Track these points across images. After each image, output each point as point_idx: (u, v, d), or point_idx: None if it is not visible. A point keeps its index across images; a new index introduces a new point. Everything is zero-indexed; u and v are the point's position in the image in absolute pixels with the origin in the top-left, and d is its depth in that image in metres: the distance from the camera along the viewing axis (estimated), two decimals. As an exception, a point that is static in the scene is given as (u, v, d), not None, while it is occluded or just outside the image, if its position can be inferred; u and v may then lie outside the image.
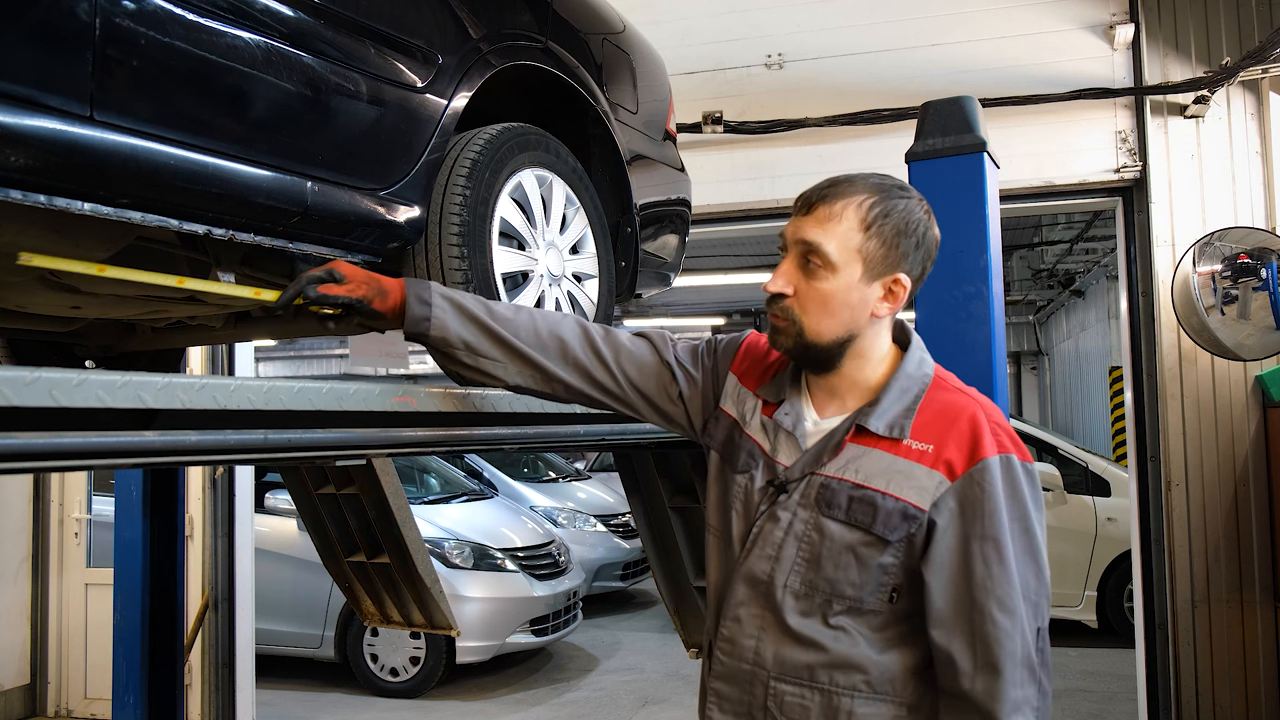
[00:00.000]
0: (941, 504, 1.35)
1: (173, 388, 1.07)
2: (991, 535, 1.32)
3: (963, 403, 1.41)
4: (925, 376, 1.44)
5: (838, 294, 1.39)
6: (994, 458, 1.34)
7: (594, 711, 5.75)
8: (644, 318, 16.20)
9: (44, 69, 1.18)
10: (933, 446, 1.37)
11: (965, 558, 1.34)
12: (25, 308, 2.14)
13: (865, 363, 1.45)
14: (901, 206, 1.40)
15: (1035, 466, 1.39)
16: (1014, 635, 1.30)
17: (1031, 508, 1.35)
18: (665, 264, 2.78)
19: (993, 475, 1.33)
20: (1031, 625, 1.32)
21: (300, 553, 5.91)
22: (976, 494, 1.33)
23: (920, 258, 1.42)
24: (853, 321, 1.41)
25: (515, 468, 9.33)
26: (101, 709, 5.39)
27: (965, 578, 1.33)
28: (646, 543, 3.14)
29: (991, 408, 1.41)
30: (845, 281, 1.39)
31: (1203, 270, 4.23)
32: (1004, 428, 1.38)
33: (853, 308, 1.40)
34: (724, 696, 1.46)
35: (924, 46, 4.76)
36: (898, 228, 1.38)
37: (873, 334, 1.44)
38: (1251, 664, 4.26)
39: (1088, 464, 7.17)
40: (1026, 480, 1.36)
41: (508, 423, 1.76)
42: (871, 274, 1.39)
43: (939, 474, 1.35)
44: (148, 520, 3.20)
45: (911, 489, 1.36)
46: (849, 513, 1.38)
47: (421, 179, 1.80)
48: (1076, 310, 13.24)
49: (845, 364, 1.45)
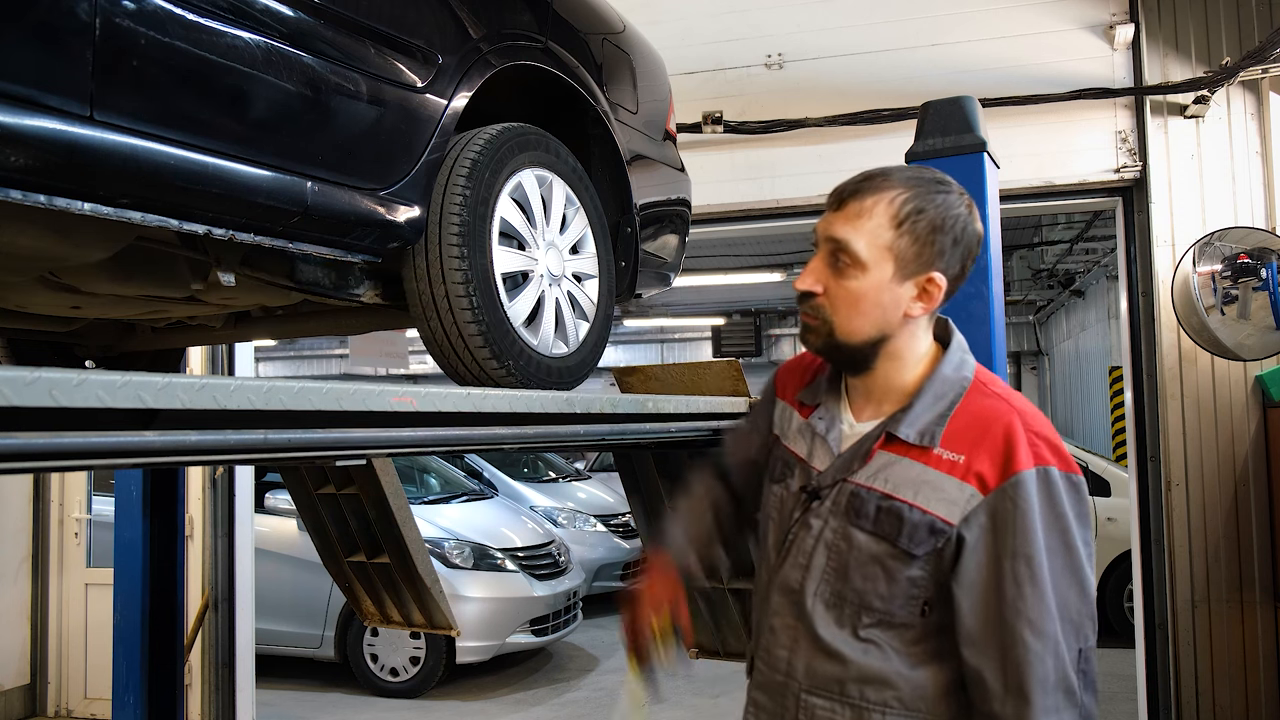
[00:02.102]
0: (972, 519, 1.29)
1: (173, 388, 1.07)
2: (1024, 553, 1.25)
3: (999, 410, 1.33)
4: (964, 380, 1.38)
5: (868, 294, 1.34)
6: (1029, 471, 1.27)
7: (594, 711, 5.75)
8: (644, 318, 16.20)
9: (44, 69, 1.18)
10: (964, 457, 1.31)
11: (996, 576, 1.27)
12: (25, 308, 2.14)
13: (901, 364, 1.39)
14: (939, 201, 1.33)
15: (1080, 478, 1.31)
16: (1045, 658, 1.24)
17: (1074, 522, 1.28)
18: (665, 264, 2.78)
19: (1027, 490, 1.26)
20: (1071, 646, 1.26)
21: (300, 553, 5.91)
22: (1009, 509, 1.27)
23: (959, 255, 1.35)
24: (884, 322, 1.36)
25: (515, 468, 9.32)
26: (101, 709, 5.39)
27: (996, 597, 1.27)
28: (646, 543, 3.14)
29: (1033, 415, 1.34)
30: (876, 281, 1.33)
31: (1203, 270, 4.23)
32: (1044, 437, 1.31)
33: (884, 308, 1.34)
34: (760, 706, 1.45)
35: (924, 46, 4.76)
36: (933, 224, 1.32)
37: (908, 334, 1.38)
38: (1251, 664, 4.26)
39: (1088, 464, 7.17)
40: (1069, 493, 1.28)
41: (508, 423, 1.76)
42: (904, 273, 1.33)
43: (970, 487, 1.29)
44: (148, 520, 3.20)
45: (940, 502, 1.30)
46: (876, 523, 1.34)
47: (421, 179, 1.80)
48: (1076, 310, 13.24)
49: (880, 365, 1.39)
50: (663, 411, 2.11)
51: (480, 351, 1.88)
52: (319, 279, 1.92)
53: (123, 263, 1.86)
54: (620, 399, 1.98)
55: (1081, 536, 1.28)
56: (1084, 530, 1.29)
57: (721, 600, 3.11)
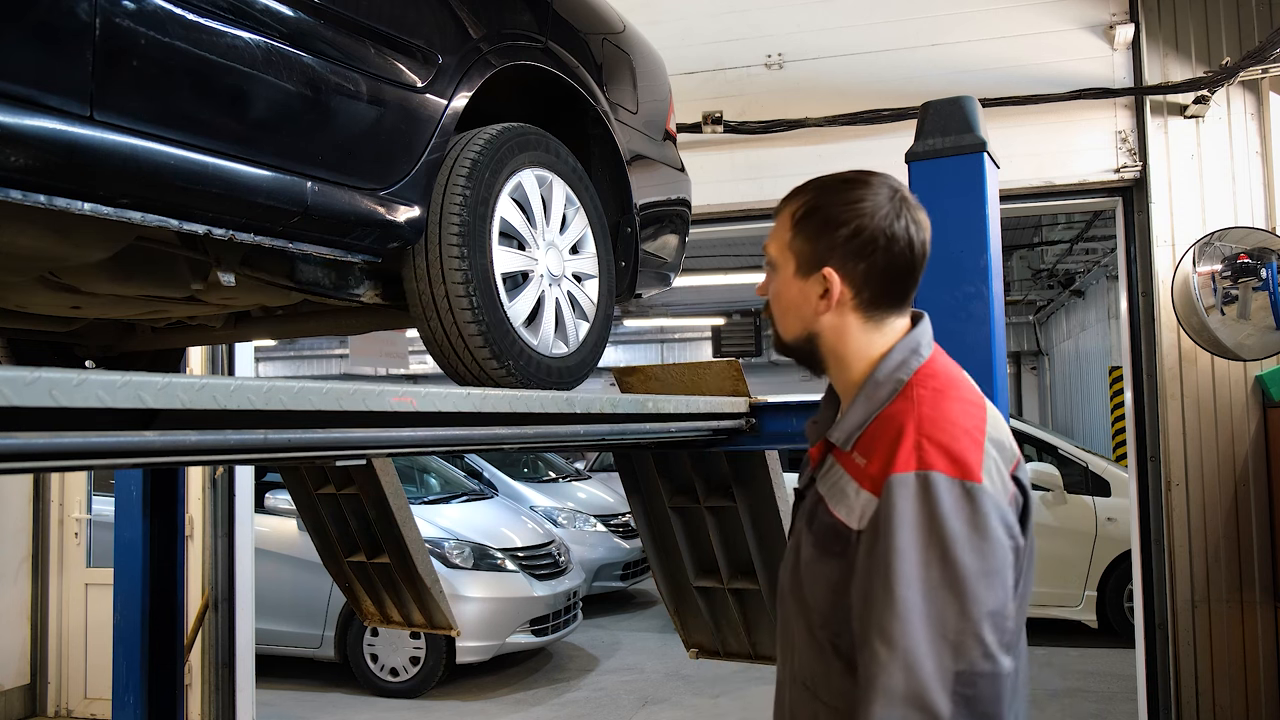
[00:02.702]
0: (867, 523, 1.25)
1: (173, 388, 1.07)
2: (884, 559, 1.19)
3: (902, 411, 1.29)
4: (898, 381, 1.33)
5: (782, 292, 1.41)
6: (903, 475, 1.21)
7: (594, 711, 5.75)
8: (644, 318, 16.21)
9: (44, 69, 1.18)
10: (866, 461, 1.29)
11: (863, 580, 1.23)
12: (25, 308, 2.14)
13: (843, 365, 1.39)
14: (840, 199, 1.34)
15: (979, 487, 1.20)
16: (893, 671, 1.15)
17: (958, 533, 1.18)
18: (665, 264, 2.78)
19: (895, 494, 1.21)
20: (943, 666, 1.15)
21: (300, 553, 5.91)
22: (882, 512, 1.22)
23: (859, 246, 1.32)
24: (801, 320, 1.39)
25: (515, 468, 9.33)
26: (101, 709, 5.39)
27: (860, 600, 1.23)
28: (646, 543, 3.14)
29: (935, 418, 1.27)
30: (784, 278, 1.40)
31: (1203, 270, 4.23)
32: (937, 441, 1.23)
33: (796, 305, 1.39)
34: (777, 699, 1.50)
35: (924, 46, 4.76)
36: (825, 219, 1.34)
37: (835, 334, 1.38)
38: (1251, 664, 4.26)
39: (1088, 464, 7.17)
40: (956, 501, 1.19)
41: (508, 423, 1.76)
42: (803, 270, 1.37)
43: (865, 491, 1.27)
44: (148, 520, 3.20)
45: (843, 506, 1.29)
46: (812, 526, 1.36)
47: (421, 179, 1.80)
48: (1076, 310, 13.24)
49: (829, 366, 1.42)
50: (663, 411, 2.11)
51: (480, 351, 1.88)
52: (319, 279, 1.92)
53: (123, 263, 1.86)
54: (620, 399, 1.98)
55: (971, 548, 1.18)
56: (978, 541, 1.18)
57: (721, 600, 3.12)
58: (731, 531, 2.96)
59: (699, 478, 2.90)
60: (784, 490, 2.88)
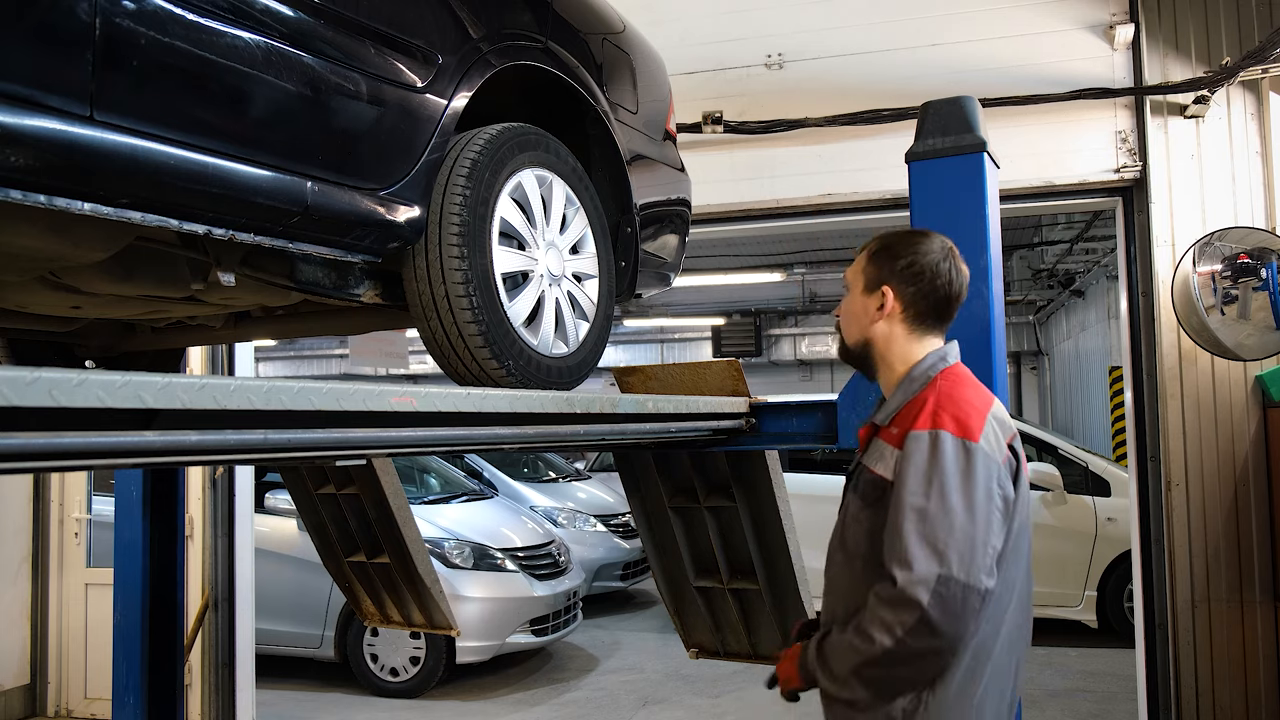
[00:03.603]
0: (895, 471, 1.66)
1: (173, 388, 1.07)
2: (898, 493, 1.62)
3: (928, 393, 1.70)
4: (928, 377, 1.75)
5: (849, 306, 1.88)
6: (919, 431, 1.64)
7: (594, 711, 5.75)
8: (644, 318, 16.21)
9: (44, 69, 1.18)
10: (898, 429, 1.70)
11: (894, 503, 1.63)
12: (25, 308, 2.15)
13: (889, 368, 1.82)
14: (904, 241, 1.80)
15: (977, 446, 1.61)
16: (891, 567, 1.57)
17: (951, 475, 1.58)
18: (665, 264, 2.78)
19: (911, 445, 1.63)
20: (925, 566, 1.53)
21: (300, 553, 5.91)
22: (901, 459, 1.65)
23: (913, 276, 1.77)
24: (860, 327, 1.84)
25: (515, 468, 9.32)
26: (101, 709, 5.39)
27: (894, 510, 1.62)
28: (646, 543, 3.14)
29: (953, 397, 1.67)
30: (853, 295, 1.87)
31: (1203, 270, 4.23)
32: (950, 412, 1.64)
33: (858, 315, 1.85)
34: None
35: (924, 46, 4.76)
36: (890, 252, 1.80)
37: (886, 342, 1.81)
38: (1251, 664, 4.26)
39: (1088, 464, 7.17)
40: (955, 453, 1.60)
41: (508, 423, 1.76)
42: (869, 287, 1.82)
43: (893, 449, 1.69)
44: (148, 520, 3.20)
45: (881, 464, 1.71)
46: (858, 490, 1.76)
47: (421, 179, 1.80)
48: (1076, 310, 13.23)
49: (880, 370, 1.84)
50: (663, 411, 2.12)
51: (480, 351, 1.88)
52: (319, 279, 1.91)
53: (123, 263, 1.86)
54: (620, 399, 1.98)
55: (960, 487, 1.58)
56: (967, 484, 1.58)
57: (721, 600, 3.12)
58: (731, 531, 2.96)
59: (699, 477, 2.90)
60: (784, 490, 2.88)
